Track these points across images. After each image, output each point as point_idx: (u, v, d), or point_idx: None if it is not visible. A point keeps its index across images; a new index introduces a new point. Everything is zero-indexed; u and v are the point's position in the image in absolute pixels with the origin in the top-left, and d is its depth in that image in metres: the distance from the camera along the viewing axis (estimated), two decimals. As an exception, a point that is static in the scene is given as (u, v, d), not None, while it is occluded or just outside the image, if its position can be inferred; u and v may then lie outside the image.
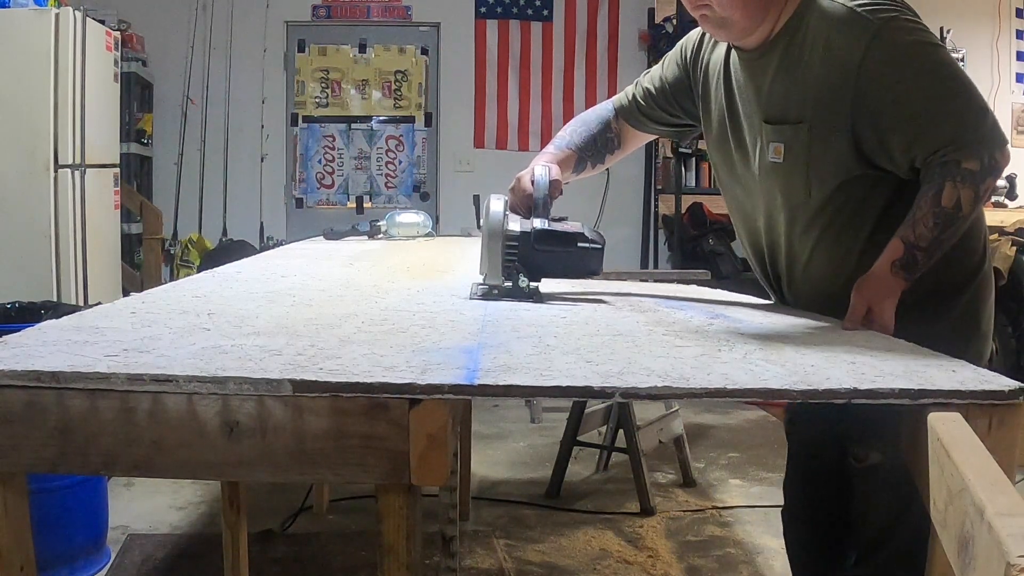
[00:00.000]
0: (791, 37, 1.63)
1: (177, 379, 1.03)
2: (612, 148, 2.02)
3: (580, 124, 2.02)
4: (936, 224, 1.53)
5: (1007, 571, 0.65)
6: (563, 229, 1.74)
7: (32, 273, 3.75)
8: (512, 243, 1.70)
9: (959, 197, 1.52)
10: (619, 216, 5.84)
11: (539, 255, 1.71)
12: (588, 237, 1.74)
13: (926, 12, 1.71)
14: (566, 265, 1.75)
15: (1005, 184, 6.08)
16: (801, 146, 1.62)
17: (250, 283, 1.92)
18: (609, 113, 2.03)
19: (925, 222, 1.53)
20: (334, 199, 6.27)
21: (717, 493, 3.59)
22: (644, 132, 2.04)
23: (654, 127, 2.02)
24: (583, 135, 1.99)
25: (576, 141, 1.98)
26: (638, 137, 2.07)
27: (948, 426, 0.98)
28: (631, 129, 2.03)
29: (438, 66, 6.18)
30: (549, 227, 1.72)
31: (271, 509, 3.19)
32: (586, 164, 2.00)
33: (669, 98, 1.95)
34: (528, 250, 1.70)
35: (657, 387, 1.06)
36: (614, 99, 2.05)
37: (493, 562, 2.89)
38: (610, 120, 2.02)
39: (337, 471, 1.05)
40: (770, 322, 1.62)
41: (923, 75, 1.54)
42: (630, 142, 2.06)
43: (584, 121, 2.03)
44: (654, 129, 2.03)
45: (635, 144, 2.09)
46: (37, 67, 3.76)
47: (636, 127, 2.02)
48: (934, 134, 1.53)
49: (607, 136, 2.01)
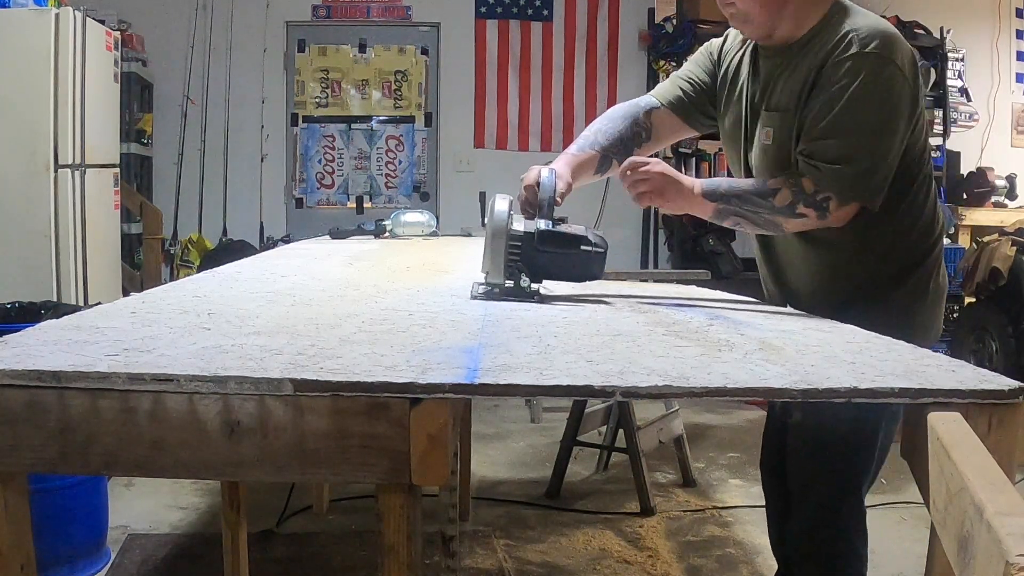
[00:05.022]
0: (810, 41, 1.77)
1: (178, 379, 1.03)
2: (640, 142, 2.05)
3: (607, 121, 2.05)
4: (752, 187, 1.78)
5: (1006, 570, 0.65)
6: (566, 231, 1.74)
7: (32, 273, 3.75)
8: (515, 243, 1.71)
9: (781, 190, 1.74)
10: (619, 216, 5.84)
11: (542, 256, 1.72)
12: (591, 240, 1.75)
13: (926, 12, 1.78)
14: (568, 267, 1.76)
15: (1005, 184, 6.09)
16: (784, 132, 1.78)
17: (250, 283, 1.92)
18: (639, 110, 2.06)
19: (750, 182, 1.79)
20: (334, 199, 6.27)
21: (717, 493, 3.59)
22: (688, 125, 2.08)
23: (699, 119, 2.06)
24: (609, 134, 2.02)
25: (601, 141, 2.01)
26: (673, 132, 2.11)
27: (948, 426, 0.98)
28: (664, 124, 2.06)
29: (438, 66, 6.18)
30: (553, 229, 1.73)
31: (271, 509, 3.19)
32: (611, 163, 2.01)
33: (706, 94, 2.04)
34: (531, 251, 1.71)
35: (657, 386, 1.06)
36: (652, 94, 2.09)
37: (493, 562, 2.89)
38: (639, 116, 2.05)
39: (337, 471, 1.05)
40: (770, 322, 1.62)
41: (861, 103, 1.68)
42: (662, 137, 2.10)
43: (611, 118, 2.06)
44: (699, 121, 2.07)
45: (666, 140, 2.14)
46: (37, 67, 3.76)
47: (685, 119, 2.06)
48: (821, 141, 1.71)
49: (635, 131, 2.04)
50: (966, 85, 6.29)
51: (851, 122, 1.68)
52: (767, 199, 1.75)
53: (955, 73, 6.18)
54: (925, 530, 1.18)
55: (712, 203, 1.79)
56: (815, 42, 1.76)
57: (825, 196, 1.71)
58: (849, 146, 1.69)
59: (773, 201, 1.74)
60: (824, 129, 1.70)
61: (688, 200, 1.79)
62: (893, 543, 2.98)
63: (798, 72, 1.77)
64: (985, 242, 4.69)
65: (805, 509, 1.92)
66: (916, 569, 2.67)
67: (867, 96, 1.68)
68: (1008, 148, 6.45)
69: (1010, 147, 6.47)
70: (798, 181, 1.73)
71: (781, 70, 1.81)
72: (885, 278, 1.86)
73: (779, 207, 1.74)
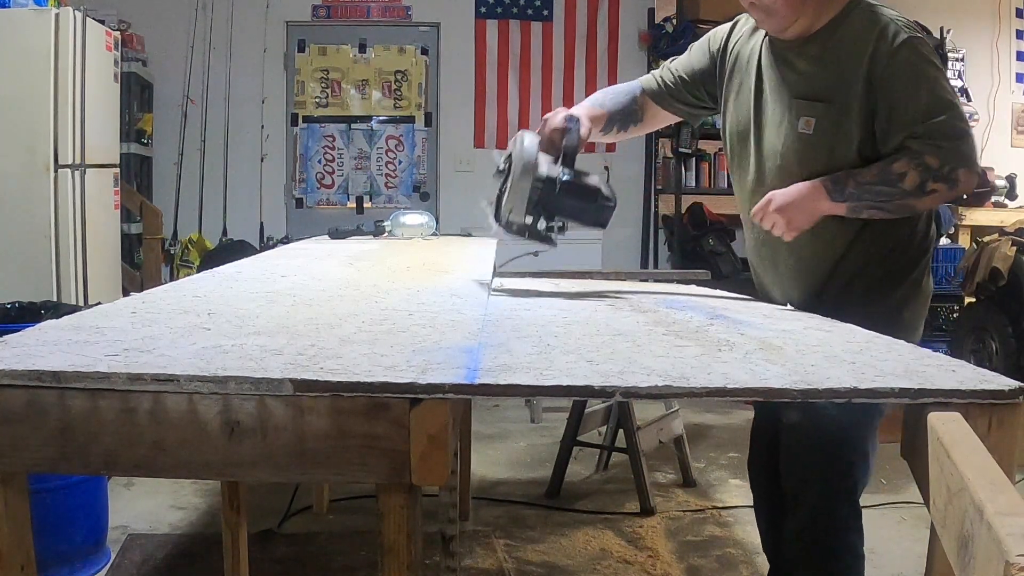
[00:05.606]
0: (831, 33, 1.83)
1: (178, 379, 1.03)
2: (636, 120, 2.17)
3: (611, 92, 2.18)
4: (877, 176, 1.76)
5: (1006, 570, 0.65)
6: (587, 183, 1.85)
7: (32, 273, 3.75)
8: (539, 185, 1.79)
9: (907, 173, 1.74)
10: (619, 216, 5.79)
11: (561, 202, 1.82)
12: (605, 195, 1.88)
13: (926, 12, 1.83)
14: (582, 214, 1.87)
15: (1005, 184, 6.08)
16: (829, 121, 1.81)
17: (250, 283, 1.92)
18: (636, 89, 2.18)
19: (871, 171, 1.77)
20: (334, 199, 6.27)
21: (717, 493, 3.59)
22: (666, 111, 2.18)
23: (677, 106, 2.16)
24: (613, 101, 2.14)
25: (607, 104, 2.13)
26: (658, 117, 2.20)
27: (948, 426, 0.98)
28: (653, 107, 2.17)
29: (438, 66, 6.18)
30: (575, 180, 1.83)
31: (271, 509, 3.19)
32: (614, 127, 2.13)
33: (696, 82, 2.12)
34: (552, 195, 1.81)
35: (657, 386, 1.06)
36: (641, 79, 2.20)
37: (493, 562, 2.89)
38: (636, 95, 2.16)
39: (337, 471, 1.05)
40: (770, 322, 1.62)
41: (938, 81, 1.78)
42: (650, 120, 2.20)
43: (614, 91, 2.18)
44: (675, 108, 2.17)
45: (654, 123, 2.24)
46: (37, 67, 3.76)
47: (661, 104, 2.16)
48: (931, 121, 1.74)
49: (632, 108, 2.16)
50: (966, 85, 6.28)
51: (944, 99, 1.76)
52: (896, 185, 1.76)
53: (955, 73, 6.18)
54: (925, 530, 1.18)
55: (844, 203, 1.80)
56: (842, 32, 1.82)
57: (952, 168, 1.74)
58: (957, 118, 1.76)
59: (903, 185, 1.75)
60: (927, 110, 1.75)
61: (819, 207, 1.81)
62: (893, 543, 2.98)
63: (836, 63, 1.81)
64: (985, 242, 4.69)
65: (801, 509, 1.92)
66: (916, 569, 2.66)
67: (938, 74, 1.79)
68: (1008, 148, 6.45)
69: (1010, 147, 6.46)
70: (922, 160, 1.74)
71: (811, 61, 1.85)
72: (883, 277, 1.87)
73: (910, 189, 1.75)
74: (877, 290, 1.88)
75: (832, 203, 1.79)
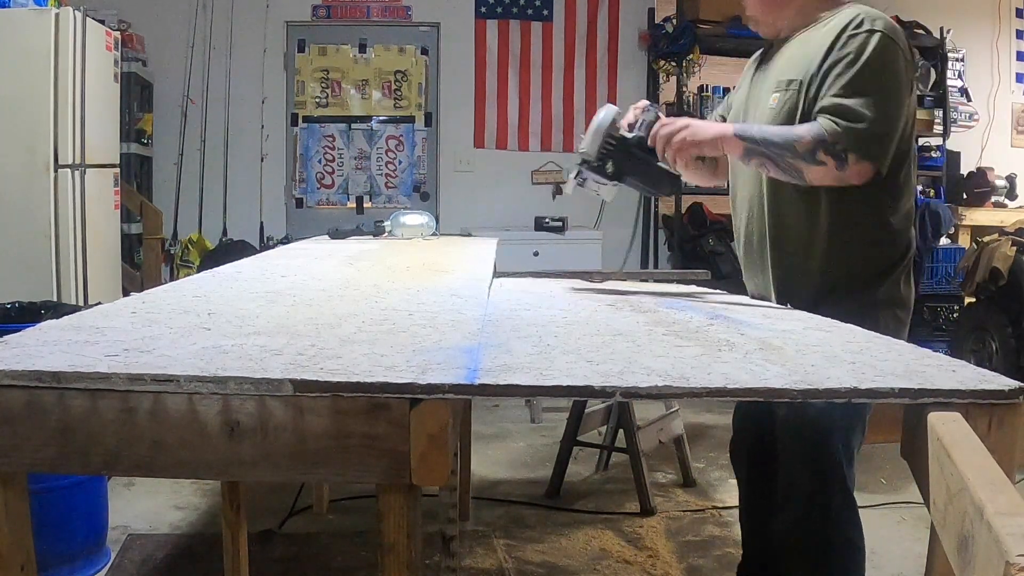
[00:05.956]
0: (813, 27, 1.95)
1: (178, 379, 1.03)
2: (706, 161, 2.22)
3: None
4: (780, 133, 1.85)
5: (1006, 570, 0.65)
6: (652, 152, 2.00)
7: (32, 273, 3.75)
8: (611, 140, 1.99)
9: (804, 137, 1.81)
10: (619, 216, 5.84)
11: (630, 157, 2.00)
12: (666, 168, 2.02)
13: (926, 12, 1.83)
14: (644, 175, 2.04)
15: (1005, 184, 6.09)
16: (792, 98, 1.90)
17: (250, 283, 1.92)
18: None
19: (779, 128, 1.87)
20: (334, 199, 6.27)
21: (717, 493, 3.59)
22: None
23: None
24: None
25: None
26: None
27: (948, 426, 0.98)
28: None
29: (438, 66, 6.17)
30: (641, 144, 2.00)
31: (271, 509, 3.19)
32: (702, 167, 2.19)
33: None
34: (623, 149, 1.99)
35: (657, 386, 1.06)
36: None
37: (493, 562, 2.89)
38: None
39: (337, 471, 1.05)
40: (770, 322, 1.62)
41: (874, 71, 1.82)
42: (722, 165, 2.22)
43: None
44: None
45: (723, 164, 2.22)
46: (37, 67, 3.76)
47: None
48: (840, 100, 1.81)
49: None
50: (966, 85, 6.29)
51: (866, 86, 1.81)
52: (791, 143, 1.83)
53: (955, 73, 6.18)
54: (925, 530, 1.18)
55: (742, 142, 1.89)
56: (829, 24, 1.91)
57: (844, 149, 1.79)
58: (866, 106, 1.80)
59: (796, 147, 1.82)
60: (844, 89, 1.81)
61: (723, 135, 1.91)
62: (893, 543, 2.98)
63: (807, 46, 1.91)
64: (985, 242, 4.70)
65: (793, 500, 1.93)
66: (916, 569, 2.67)
67: (880, 67, 1.82)
68: (1008, 148, 6.45)
69: (1010, 147, 6.47)
70: (820, 131, 1.81)
71: (794, 47, 1.96)
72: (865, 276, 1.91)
73: (801, 152, 1.82)
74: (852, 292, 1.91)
75: (735, 138, 1.89)
